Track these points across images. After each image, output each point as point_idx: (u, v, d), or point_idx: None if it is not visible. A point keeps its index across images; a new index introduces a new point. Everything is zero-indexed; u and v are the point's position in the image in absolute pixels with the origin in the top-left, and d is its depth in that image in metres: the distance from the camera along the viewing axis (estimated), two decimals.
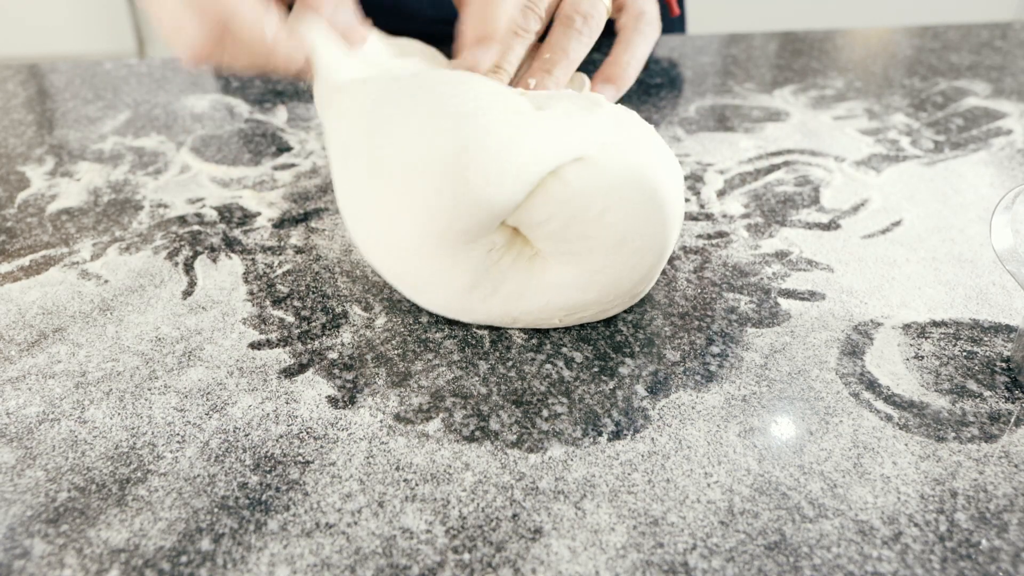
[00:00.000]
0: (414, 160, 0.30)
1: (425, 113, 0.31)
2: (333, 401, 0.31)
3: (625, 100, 0.53)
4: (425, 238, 0.31)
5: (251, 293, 0.38)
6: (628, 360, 0.33)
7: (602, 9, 0.41)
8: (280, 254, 0.41)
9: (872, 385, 0.32)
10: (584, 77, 0.41)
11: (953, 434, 0.30)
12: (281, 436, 0.30)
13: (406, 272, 0.33)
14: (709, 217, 0.44)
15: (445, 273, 0.32)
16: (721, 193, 0.46)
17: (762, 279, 0.38)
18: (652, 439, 0.29)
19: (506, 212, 0.30)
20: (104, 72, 0.64)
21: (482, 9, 0.38)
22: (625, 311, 0.36)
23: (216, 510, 0.27)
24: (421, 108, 0.31)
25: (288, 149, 0.52)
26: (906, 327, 0.35)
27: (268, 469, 0.28)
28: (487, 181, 0.29)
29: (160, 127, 0.55)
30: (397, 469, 0.28)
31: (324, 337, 0.35)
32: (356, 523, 0.26)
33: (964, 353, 0.34)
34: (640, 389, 0.32)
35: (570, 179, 0.31)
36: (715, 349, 0.34)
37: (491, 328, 0.35)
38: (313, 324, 0.35)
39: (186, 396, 0.31)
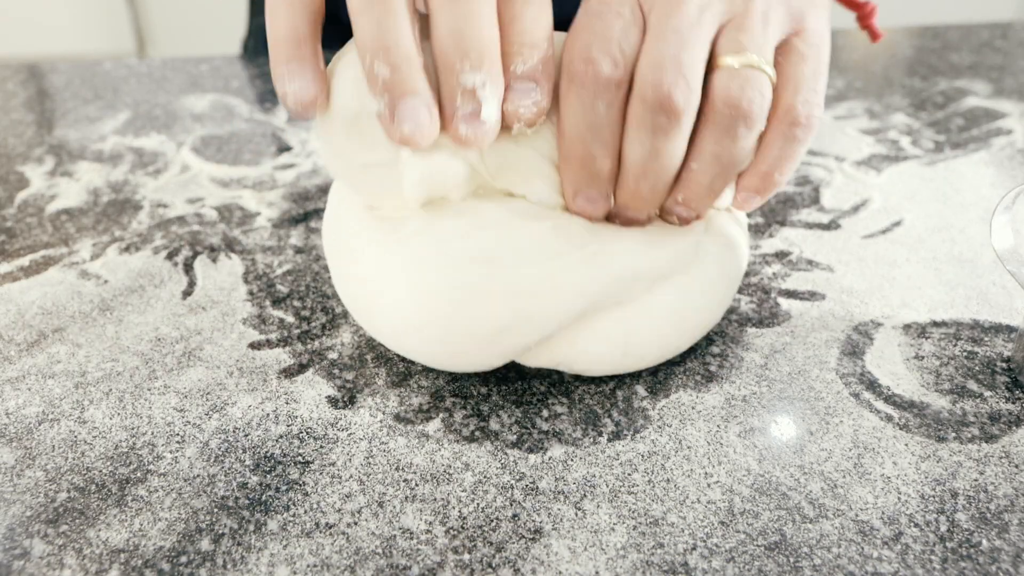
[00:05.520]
0: (421, 294, 0.28)
1: (436, 252, 0.28)
2: (333, 401, 0.31)
3: None
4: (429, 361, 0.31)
5: (251, 293, 0.38)
6: None
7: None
8: (280, 254, 0.41)
9: (872, 385, 0.32)
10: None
11: (953, 434, 0.30)
12: (281, 436, 0.30)
13: None
14: None
15: None
16: None
17: (762, 279, 0.38)
18: (652, 439, 0.29)
19: (511, 353, 0.30)
20: (104, 72, 0.64)
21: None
22: None
23: (216, 510, 0.27)
24: (431, 248, 0.28)
25: (288, 149, 0.52)
26: (906, 327, 0.35)
27: (268, 469, 0.28)
28: (485, 327, 0.28)
29: (160, 127, 0.55)
30: (397, 469, 0.28)
31: (324, 337, 0.35)
32: (356, 523, 0.26)
33: (964, 353, 0.34)
34: (640, 389, 0.32)
35: (610, 327, 0.30)
36: (715, 349, 0.34)
37: None
38: (313, 324, 0.35)
39: (186, 396, 0.31)
